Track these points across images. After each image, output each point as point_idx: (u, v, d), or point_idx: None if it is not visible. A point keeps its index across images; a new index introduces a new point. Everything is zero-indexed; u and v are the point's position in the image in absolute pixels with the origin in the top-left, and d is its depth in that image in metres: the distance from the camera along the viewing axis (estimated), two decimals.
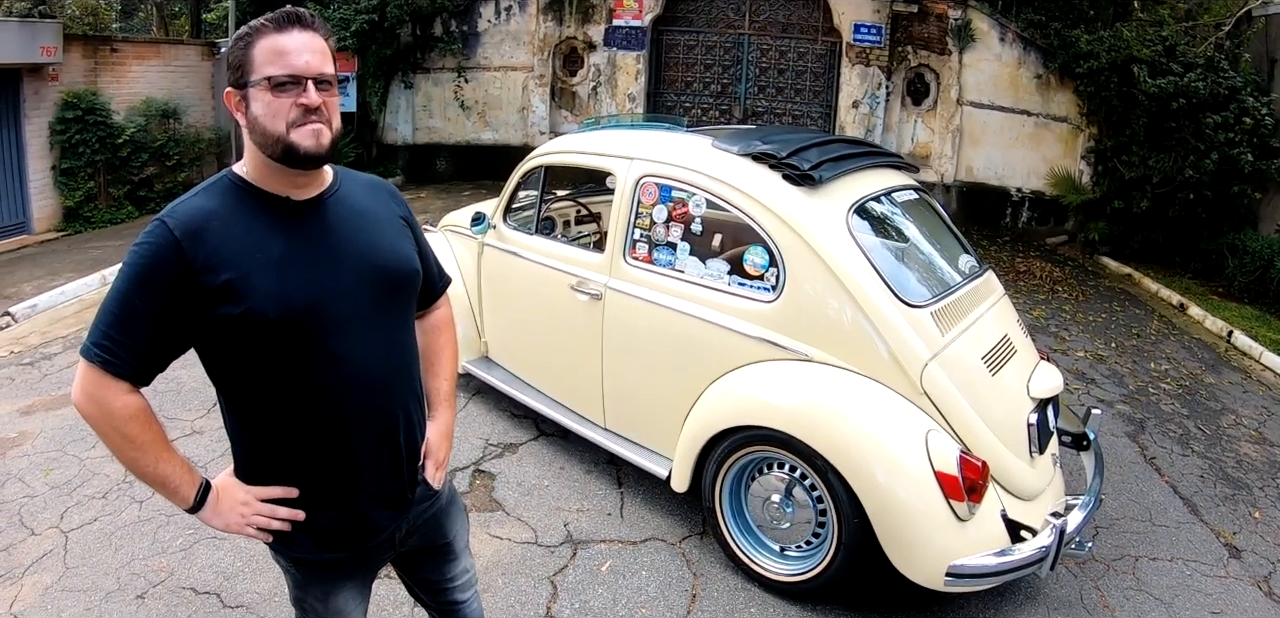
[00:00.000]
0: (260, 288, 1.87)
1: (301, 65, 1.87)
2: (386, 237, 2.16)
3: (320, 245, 1.99)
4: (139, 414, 1.89)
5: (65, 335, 7.15)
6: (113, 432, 1.88)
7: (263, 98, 1.85)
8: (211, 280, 1.83)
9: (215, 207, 1.91)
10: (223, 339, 1.90)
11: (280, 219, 1.96)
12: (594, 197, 6.30)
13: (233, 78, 1.90)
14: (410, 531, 2.33)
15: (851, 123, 13.23)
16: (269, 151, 1.89)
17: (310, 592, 2.23)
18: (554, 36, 14.22)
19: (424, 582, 2.57)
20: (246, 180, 1.97)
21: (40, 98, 10.62)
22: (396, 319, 2.17)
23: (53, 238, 10.68)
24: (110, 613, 3.72)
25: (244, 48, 1.87)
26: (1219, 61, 11.12)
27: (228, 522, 2.00)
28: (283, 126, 1.86)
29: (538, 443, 5.41)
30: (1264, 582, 4.48)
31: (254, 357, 1.92)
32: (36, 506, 4.53)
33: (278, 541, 2.13)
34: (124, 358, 1.84)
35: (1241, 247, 10.46)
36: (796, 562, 4.00)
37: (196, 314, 1.86)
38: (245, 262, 1.87)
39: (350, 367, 2.00)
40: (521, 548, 4.31)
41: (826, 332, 3.86)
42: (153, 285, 1.83)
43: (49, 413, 5.62)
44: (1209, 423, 6.53)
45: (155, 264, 1.83)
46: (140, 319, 1.84)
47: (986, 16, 12.82)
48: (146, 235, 1.86)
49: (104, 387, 1.84)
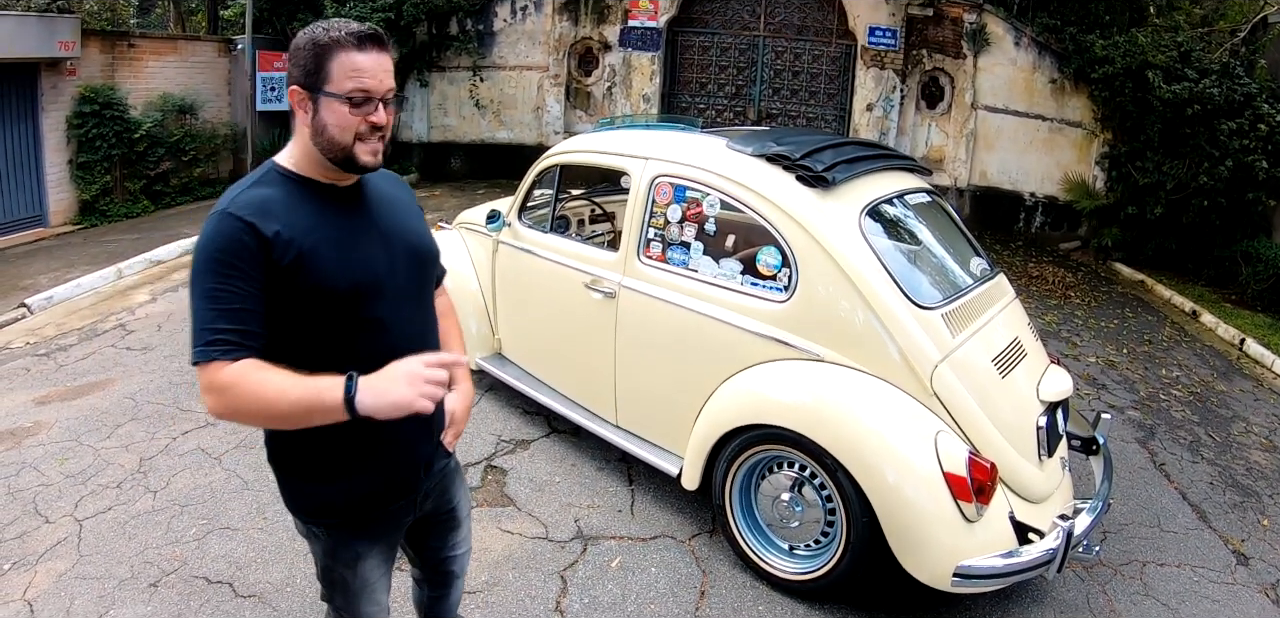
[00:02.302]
0: (327, 262, 2.02)
1: (375, 85, 2.00)
2: (415, 221, 2.35)
3: (369, 226, 2.17)
4: (249, 370, 1.91)
5: (80, 327, 7.21)
6: (252, 411, 1.93)
7: (337, 110, 1.98)
8: (284, 256, 1.96)
9: (272, 193, 2.03)
10: (291, 306, 2.01)
11: (331, 204, 2.11)
12: (608, 196, 6.32)
13: (304, 79, 2.00)
14: (427, 494, 2.48)
15: (866, 126, 13.22)
16: (330, 156, 2.04)
17: (340, 558, 2.34)
18: (569, 36, 14.25)
19: (429, 552, 2.73)
20: (294, 171, 2.10)
21: (57, 92, 10.69)
22: (427, 294, 2.39)
23: (69, 231, 10.76)
24: (123, 601, 3.76)
25: (321, 56, 1.98)
26: (1234, 68, 11.05)
27: (398, 399, 1.94)
28: (350, 139, 2.01)
29: (550, 440, 5.43)
30: (1272, 589, 4.48)
31: (313, 324, 2.05)
32: (51, 494, 4.58)
33: (312, 508, 2.27)
34: (236, 341, 1.91)
35: (1255, 254, 10.41)
36: (805, 561, 4.02)
37: (272, 285, 1.97)
38: (311, 239, 2.01)
39: (395, 334, 2.14)
40: (532, 543, 4.34)
41: (838, 332, 3.88)
42: (234, 268, 1.92)
43: (64, 403, 5.67)
44: (1219, 430, 6.52)
45: (235, 247, 1.93)
46: (236, 300, 1.93)
47: (1002, 20, 12.80)
48: (214, 231, 1.95)
49: (220, 374, 1.90)
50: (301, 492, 2.28)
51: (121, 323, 7.33)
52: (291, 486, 2.29)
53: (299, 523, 2.36)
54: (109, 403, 5.69)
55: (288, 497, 2.32)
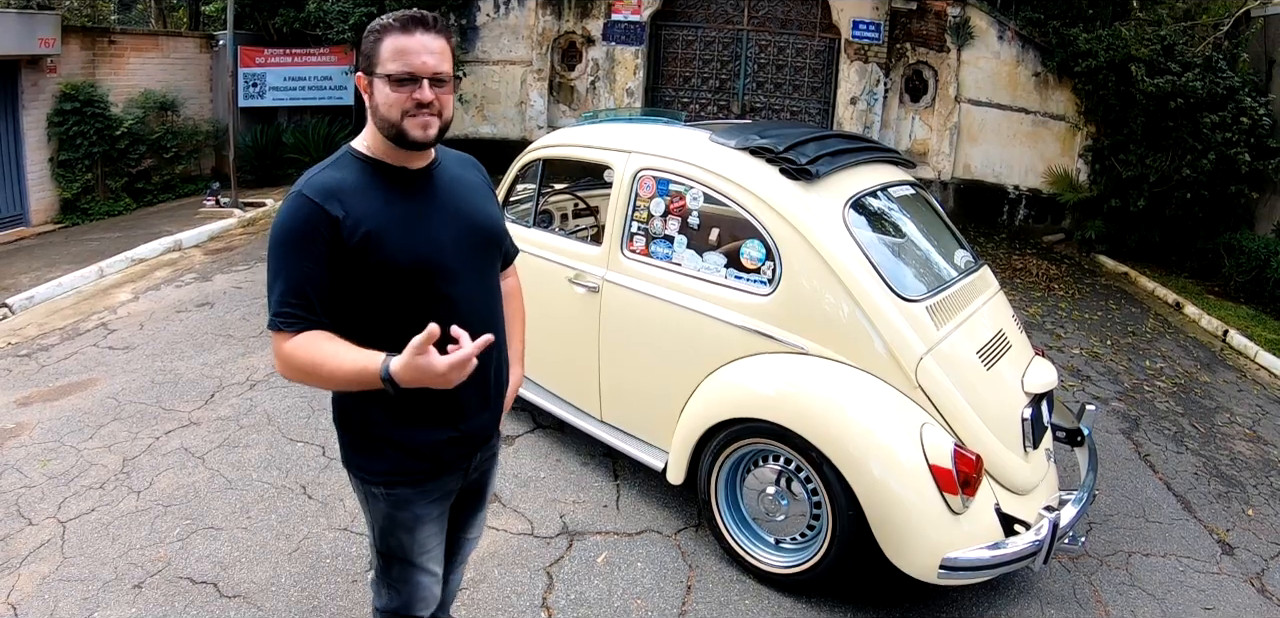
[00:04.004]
0: (392, 241, 2.16)
1: (418, 65, 2.12)
2: (481, 202, 2.47)
3: (435, 208, 2.30)
4: (308, 342, 2.10)
5: (62, 327, 7.15)
6: (311, 375, 2.10)
7: (384, 89, 2.13)
8: (352, 235, 2.11)
9: (344, 176, 2.19)
10: (360, 283, 2.16)
11: (400, 186, 2.25)
12: (592, 190, 6.30)
13: (364, 65, 2.19)
14: (476, 466, 2.61)
15: (849, 119, 13.22)
16: (386, 133, 2.18)
17: (400, 520, 2.43)
18: (553, 31, 14.21)
19: (454, 525, 2.75)
20: (367, 155, 2.25)
21: (38, 89, 10.59)
22: (491, 273, 2.50)
23: (50, 230, 10.66)
24: (107, 603, 3.73)
25: (375, 41, 2.15)
26: (1217, 61, 11.12)
27: (431, 372, 1.97)
28: (397, 115, 2.13)
29: (534, 435, 5.42)
30: (1257, 579, 4.50)
31: (385, 297, 2.19)
32: (34, 496, 4.54)
33: (379, 471, 2.37)
34: (301, 314, 2.10)
35: (1238, 246, 10.47)
36: (791, 554, 4.02)
37: (341, 263, 2.12)
38: (378, 220, 2.15)
39: (460, 309, 2.25)
40: (518, 539, 4.32)
41: (822, 325, 3.88)
42: (307, 245, 2.10)
43: (46, 404, 5.63)
44: (1204, 421, 6.56)
45: (305, 228, 2.10)
46: (303, 277, 2.10)
47: (985, 14, 12.82)
48: (289, 210, 2.12)
49: (285, 344, 2.10)
50: (365, 451, 2.37)
51: (103, 322, 7.27)
52: (356, 444, 2.39)
53: (358, 485, 2.45)
54: (91, 403, 5.64)
55: (351, 456, 2.42)
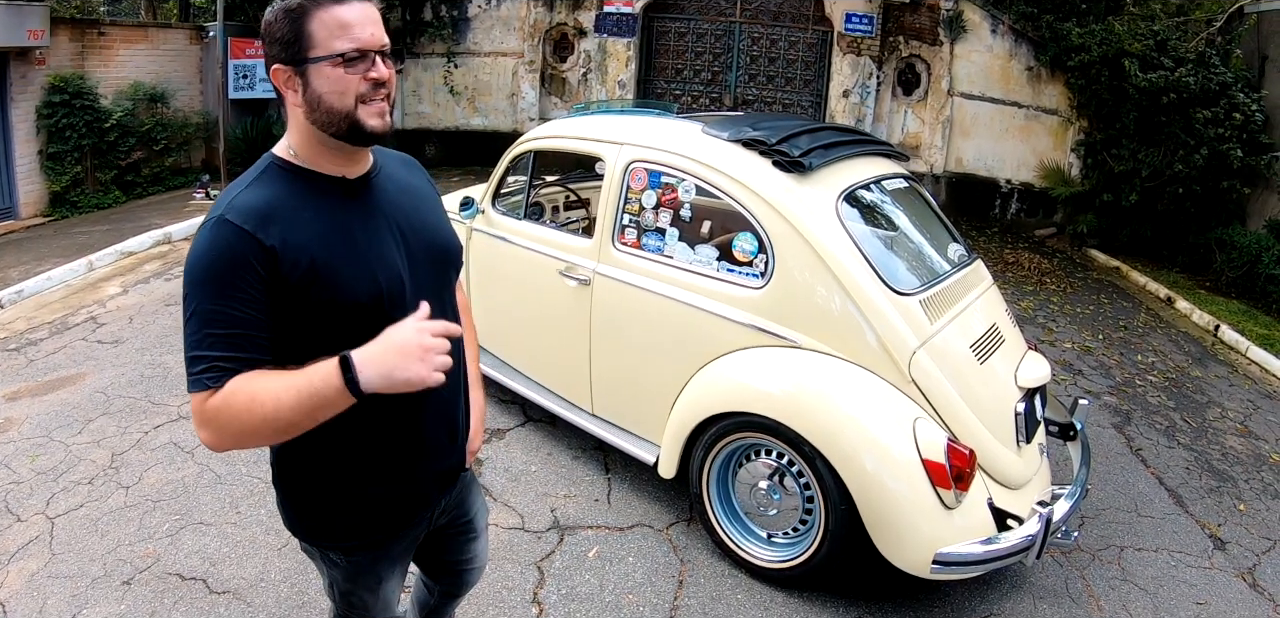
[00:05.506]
0: (343, 271, 1.81)
1: (367, 37, 1.78)
2: (434, 214, 2.14)
3: (385, 225, 1.94)
4: (246, 386, 1.69)
5: (51, 321, 7.10)
6: (252, 430, 1.69)
7: (331, 74, 1.76)
8: (294, 270, 1.75)
9: (273, 193, 1.81)
10: (302, 323, 1.79)
11: (341, 200, 1.89)
12: (583, 182, 6.28)
13: (284, 54, 1.78)
14: (443, 510, 2.31)
15: (842, 112, 13.22)
16: (333, 130, 1.81)
17: (362, 582, 2.17)
18: (545, 22, 14.17)
19: (447, 563, 2.56)
20: (295, 164, 1.88)
21: (27, 82, 10.53)
22: (449, 295, 2.16)
23: (39, 223, 10.60)
24: (96, 599, 3.70)
25: (297, 21, 1.76)
26: (1210, 57, 11.13)
27: (410, 376, 1.68)
28: (351, 103, 1.78)
29: (525, 429, 5.40)
30: (1248, 574, 4.50)
31: (331, 338, 1.77)
32: (22, 492, 4.50)
33: (334, 536, 2.08)
34: (224, 369, 1.69)
35: (1229, 241, 10.49)
36: (783, 548, 4.01)
37: (281, 302, 1.76)
38: (322, 247, 1.80)
39: None
40: (508, 534, 4.30)
41: (815, 318, 3.86)
42: (235, 284, 1.70)
43: (35, 399, 5.58)
44: (1195, 416, 6.56)
45: (232, 262, 1.71)
46: (229, 323, 1.70)
47: (979, 8, 12.81)
48: (210, 241, 1.72)
49: (207, 404, 1.68)
50: (315, 515, 2.06)
51: (92, 316, 7.22)
52: (301, 508, 2.08)
53: (310, 550, 2.15)
54: (80, 398, 5.60)
55: (297, 522, 2.10)
